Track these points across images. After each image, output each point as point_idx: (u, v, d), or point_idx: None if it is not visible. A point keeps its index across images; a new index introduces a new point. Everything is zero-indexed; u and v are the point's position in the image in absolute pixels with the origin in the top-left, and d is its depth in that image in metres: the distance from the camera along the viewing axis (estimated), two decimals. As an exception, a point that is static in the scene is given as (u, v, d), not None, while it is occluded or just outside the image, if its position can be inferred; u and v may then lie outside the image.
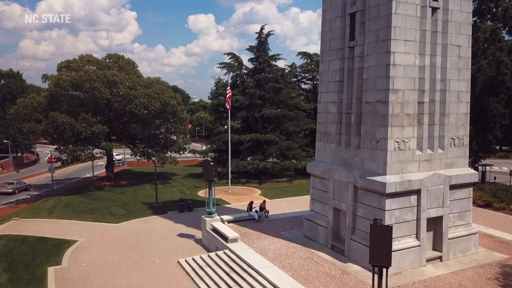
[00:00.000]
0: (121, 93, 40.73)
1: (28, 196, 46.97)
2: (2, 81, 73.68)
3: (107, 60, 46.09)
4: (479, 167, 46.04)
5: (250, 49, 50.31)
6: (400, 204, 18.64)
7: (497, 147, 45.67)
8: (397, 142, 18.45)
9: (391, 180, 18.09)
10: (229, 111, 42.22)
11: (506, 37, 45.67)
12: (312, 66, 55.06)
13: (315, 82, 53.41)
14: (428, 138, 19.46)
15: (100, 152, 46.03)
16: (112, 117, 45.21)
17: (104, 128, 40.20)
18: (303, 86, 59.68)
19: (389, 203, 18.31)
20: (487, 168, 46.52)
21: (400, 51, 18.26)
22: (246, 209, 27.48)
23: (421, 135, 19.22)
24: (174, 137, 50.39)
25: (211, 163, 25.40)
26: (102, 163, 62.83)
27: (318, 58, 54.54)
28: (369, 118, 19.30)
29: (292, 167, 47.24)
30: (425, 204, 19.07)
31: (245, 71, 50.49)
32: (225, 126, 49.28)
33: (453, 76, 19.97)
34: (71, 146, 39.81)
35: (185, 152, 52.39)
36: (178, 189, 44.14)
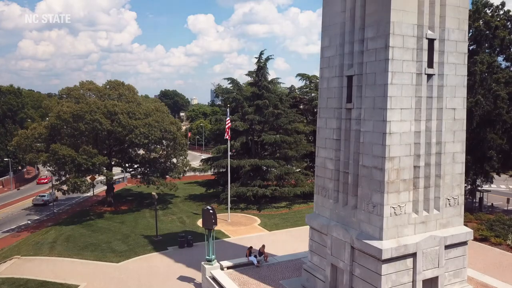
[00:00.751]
0: (121, 122, 41.03)
1: (29, 222, 47.38)
2: (3, 98, 74.03)
3: (107, 87, 46.43)
4: (477, 193, 46.52)
5: (249, 74, 50.68)
6: (396, 268, 19.00)
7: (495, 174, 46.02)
8: (393, 207, 18.80)
9: (387, 246, 18.44)
10: (229, 141, 42.57)
11: (503, 64, 46.11)
12: (311, 88, 55.39)
13: (314, 104, 53.69)
14: (423, 200, 19.80)
15: (101, 182, 46.42)
16: (112, 143, 45.54)
17: (105, 159, 40.59)
18: (302, 105, 59.96)
19: (385, 268, 18.66)
20: (484, 193, 46.93)
21: (396, 119, 18.61)
22: (245, 254, 27.83)
23: (417, 198, 19.57)
24: (174, 160, 50.73)
25: (211, 211, 25.76)
26: (103, 176, 63.28)
27: (317, 80, 55.00)
28: (365, 181, 19.64)
29: (291, 193, 47.59)
30: (420, 267, 19.43)
31: (245, 95, 50.68)
32: (225, 146, 49.51)
33: (448, 139, 20.33)
34: (72, 177, 40.16)
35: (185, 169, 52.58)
36: (178, 217, 44.47)
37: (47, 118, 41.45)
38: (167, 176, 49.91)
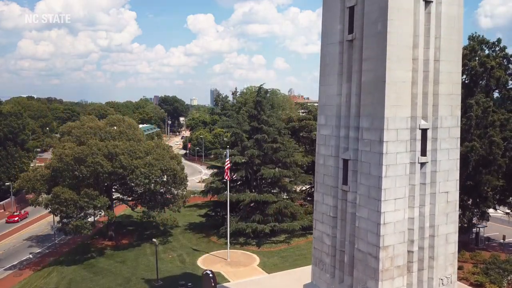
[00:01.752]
0: (122, 163, 41.58)
1: (31, 256, 47.97)
2: (4, 121, 74.36)
3: (108, 124, 46.95)
4: (473, 229, 47.10)
5: (249, 109, 51.23)
6: None
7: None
8: (388, 294, 19.36)
9: (382, 332, 18.99)
10: (228, 181, 43.15)
11: (496, 94, 46.76)
12: (310, 118, 55.92)
13: (312, 135, 54.25)
14: (417, 283, 20.35)
15: (102, 222, 47.05)
16: (114, 179, 46.11)
17: (106, 200, 41.18)
18: (301, 133, 60.52)
19: None
20: (481, 229, 47.50)
21: (390, 209, 19.15)
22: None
23: (411, 282, 20.12)
24: (174, 191, 51.20)
25: (210, 275, 26.31)
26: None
27: (316, 111, 55.50)
28: (361, 266, 20.19)
29: (290, 229, 48.15)
30: None
31: (244, 129, 51.21)
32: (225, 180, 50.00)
33: (442, 221, 20.86)
34: (74, 220, 40.74)
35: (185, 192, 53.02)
36: (178, 254, 45.05)
37: (50, 157, 41.82)
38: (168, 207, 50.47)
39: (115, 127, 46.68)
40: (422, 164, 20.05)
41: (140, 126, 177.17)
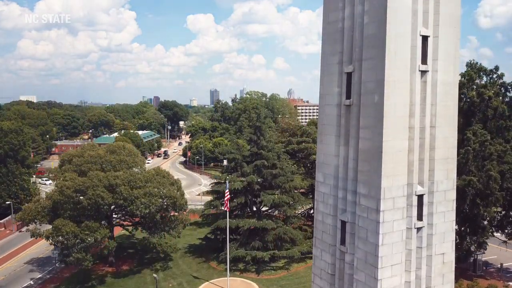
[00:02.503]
0: (123, 194, 41.93)
1: (32, 282, 48.32)
2: (4, 138, 74.66)
3: (109, 153, 47.27)
4: (471, 256, 47.48)
5: (248, 135, 51.57)
6: None
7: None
8: None
9: None
10: (227, 212, 43.53)
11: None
12: (309, 142, 56.27)
13: (311, 159, 54.63)
14: None
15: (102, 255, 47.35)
16: (114, 209, 46.51)
17: (107, 232, 41.54)
18: (300, 154, 60.85)
19: None
20: (478, 256, 47.88)
21: (386, 276, 19.50)
22: None
23: None
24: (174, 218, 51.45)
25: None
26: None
27: (315, 136, 55.88)
28: (358, 327, 20.53)
29: (289, 255, 48.51)
30: None
31: (244, 155, 51.56)
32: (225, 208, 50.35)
33: (438, 283, 21.21)
34: (75, 252, 41.06)
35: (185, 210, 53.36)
36: (178, 282, 45.45)
37: (52, 189, 42.03)
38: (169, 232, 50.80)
39: (115, 155, 46.95)
40: (419, 229, 20.42)
41: (140, 133, 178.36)
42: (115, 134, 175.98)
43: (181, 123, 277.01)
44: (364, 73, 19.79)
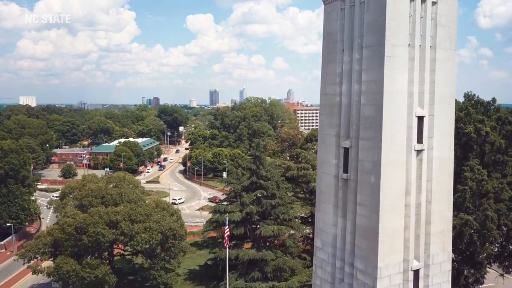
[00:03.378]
0: (123, 231, 42.34)
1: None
2: (5, 158, 75.01)
3: (109, 184, 47.66)
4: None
5: (248, 164, 51.97)
6: None
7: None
8: None
9: None
10: (227, 248, 43.95)
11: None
12: (309, 169, 56.62)
13: (311, 187, 54.99)
14: None
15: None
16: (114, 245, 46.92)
17: (108, 269, 41.93)
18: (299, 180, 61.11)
19: None
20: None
21: None
22: None
23: None
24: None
25: None
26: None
27: (315, 162, 56.26)
28: None
29: (288, 287, 48.87)
30: None
31: (243, 186, 51.88)
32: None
33: None
34: (76, 289, 41.56)
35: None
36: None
37: (53, 226, 42.37)
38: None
39: (116, 188, 47.36)
40: (415, 300, 20.85)
41: (140, 141, 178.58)
42: (115, 142, 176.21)
43: (181, 128, 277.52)
44: (361, 152, 20.19)
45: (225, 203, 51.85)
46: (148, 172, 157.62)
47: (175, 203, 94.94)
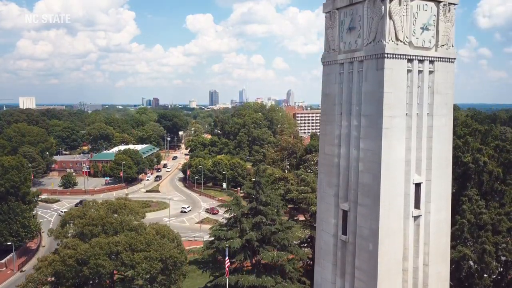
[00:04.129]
0: (124, 261, 42.65)
1: None
2: (5, 175, 75.27)
3: (110, 212, 47.95)
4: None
5: (248, 190, 52.26)
6: None
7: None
8: None
9: None
10: (227, 278, 44.26)
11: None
12: (308, 191, 56.92)
13: (311, 211, 55.30)
14: None
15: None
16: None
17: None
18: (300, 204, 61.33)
19: None
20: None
21: None
22: None
23: None
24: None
25: None
26: None
27: (314, 185, 56.54)
28: None
29: (288, 315, 49.22)
30: None
31: (243, 212, 52.14)
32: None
33: None
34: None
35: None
36: None
37: (53, 258, 42.58)
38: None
39: (117, 215, 47.68)
40: None
41: (139, 148, 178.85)
42: (115, 149, 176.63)
43: (181, 132, 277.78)
44: (359, 217, 20.48)
45: (225, 228, 51.98)
46: (148, 179, 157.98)
47: (184, 211, 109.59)
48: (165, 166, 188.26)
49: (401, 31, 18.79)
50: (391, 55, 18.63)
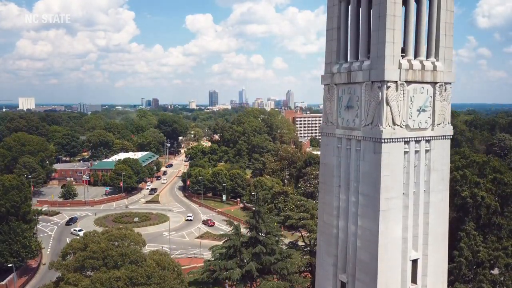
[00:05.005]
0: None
1: None
2: (6, 195, 75.58)
3: (110, 244, 48.28)
4: None
5: (248, 220, 52.67)
6: None
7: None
8: None
9: None
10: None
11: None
12: (308, 218, 57.29)
13: (311, 237, 55.71)
14: None
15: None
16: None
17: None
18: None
19: None
20: None
21: None
22: None
23: None
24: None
25: None
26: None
27: (314, 211, 56.93)
28: None
29: None
30: None
31: (242, 241, 52.57)
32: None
33: None
34: None
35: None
36: None
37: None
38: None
39: (118, 248, 48.03)
40: None
41: (139, 155, 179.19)
42: (115, 157, 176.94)
43: (180, 138, 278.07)
44: (357, 299, 20.85)
45: (224, 259, 52.31)
46: (147, 188, 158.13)
47: (190, 220, 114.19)
48: (164, 173, 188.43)
49: (398, 116, 19.15)
50: (388, 140, 18.98)
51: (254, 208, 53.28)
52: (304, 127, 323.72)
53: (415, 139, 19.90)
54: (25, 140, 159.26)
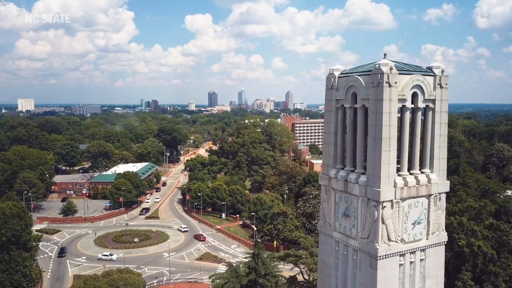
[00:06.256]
0: None
1: None
2: (7, 225, 76.03)
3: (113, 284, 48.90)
4: None
5: (248, 262, 53.15)
6: None
7: None
8: None
9: None
10: None
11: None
12: (308, 257, 57.84)
13: (312, 276, 56.27)
14: None
15: None
16: None
17: None
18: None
19: None
20: None
21: None
22: None
23: None
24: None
25: None
26: None
27: (313, 249, 57.42)
28: None
29: None
30: None
31: (242, 284, 53.07)
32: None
33: None
34: None
35: None
36: None
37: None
38: None
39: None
40: None
41: (139, 166, 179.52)
42: (114, 168, 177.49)
43: (179, 146, 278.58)
44: None
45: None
46: (147, 202, 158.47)
47: (186, 231, 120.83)
48: (164, 184, 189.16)
49: (393, 232, 19.65)
50: (384, 256, 19.48)
51: (253, 246, 53.59)
52: (304, 133, 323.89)
53: (410, 250, 20.39)
54: (25, 153, 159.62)
